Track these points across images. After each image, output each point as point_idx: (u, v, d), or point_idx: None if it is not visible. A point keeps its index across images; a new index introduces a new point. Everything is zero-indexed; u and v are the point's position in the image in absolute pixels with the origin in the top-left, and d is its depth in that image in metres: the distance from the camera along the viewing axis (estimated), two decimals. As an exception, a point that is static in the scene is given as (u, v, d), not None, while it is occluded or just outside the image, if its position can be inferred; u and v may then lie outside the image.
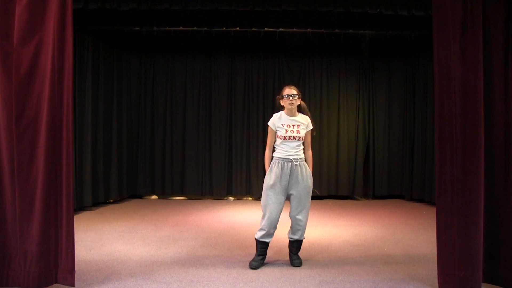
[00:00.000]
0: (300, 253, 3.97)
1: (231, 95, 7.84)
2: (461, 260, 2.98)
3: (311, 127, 3.79)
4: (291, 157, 3.63)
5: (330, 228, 5.30)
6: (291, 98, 3.67)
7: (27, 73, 3.06)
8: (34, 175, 3.06)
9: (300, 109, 3.82)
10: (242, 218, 5.94)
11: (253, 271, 3.55)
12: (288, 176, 3.63)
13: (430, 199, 7.03)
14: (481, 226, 3.02)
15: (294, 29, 6.28)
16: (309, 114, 3.85)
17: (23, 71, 3.05)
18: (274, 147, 3.79)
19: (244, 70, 7.84)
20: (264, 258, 3.74)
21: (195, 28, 6.24)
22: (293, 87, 3.75)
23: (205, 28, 6.25)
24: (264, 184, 3.70)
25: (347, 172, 7.86)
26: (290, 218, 3.74)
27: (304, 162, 3.72)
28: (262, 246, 3.71)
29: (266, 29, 6.30)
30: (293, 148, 3.66)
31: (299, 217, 3.68)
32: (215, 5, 5.16)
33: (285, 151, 3.65)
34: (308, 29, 6.32)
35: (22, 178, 3.04)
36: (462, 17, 3.03)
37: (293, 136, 3.66)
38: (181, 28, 6.20)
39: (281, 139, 3.68)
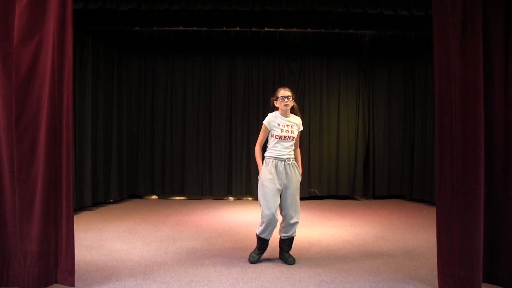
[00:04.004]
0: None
1: (231, 95, 7.84)
2: (461, 260, 2.98)
3: (302, 127, 3.92)
4: (284, 157, 3.75)
5: (330, 228, 5.30)
6: (286, 99, 3.78)
7: (27, 73, 3.06)
8: (34, 175, 3.06)
9: (292, 110, 3.92)
10: (242, 218, 5.94)
11: (253, 271, 3.55)
12: (281, 175, 3.72)
13: (430, 199, 7.03)
14: (481, 226, 3.02)
15: (294, 29, 6.28)
16: (299, 115, 3.97)
17: (23, 71, 3.05)
18: (266, 147, 3.89)
19: (244, 70, 7.84)
20: (261, 254, 3.85)
21: (195, 28, 6.24)
22: (287, 88, 3.86)
23: (205, 28, 6.25)
24: (260, 180, 3.76)
25: (347, 172, 7.85)
26: (283, 216, 3.80)
27: (295, 162, 3.82)
28: (262, 242, 3.81)
29: (266, 29, 6.29)
30: (287, 148, 3.78)
31: (293, 214, 3.75)
32: (215, 5, 5.17)
33: (279, 150, 3.76)
34: (308, 29, 6.31)
35: (22, 178, 3.04)
36: (462, 17, 3.03)
37: (288, 136, 3.77)
38: (181, 28, 6.20)
39: (276, 138, 3.77)
